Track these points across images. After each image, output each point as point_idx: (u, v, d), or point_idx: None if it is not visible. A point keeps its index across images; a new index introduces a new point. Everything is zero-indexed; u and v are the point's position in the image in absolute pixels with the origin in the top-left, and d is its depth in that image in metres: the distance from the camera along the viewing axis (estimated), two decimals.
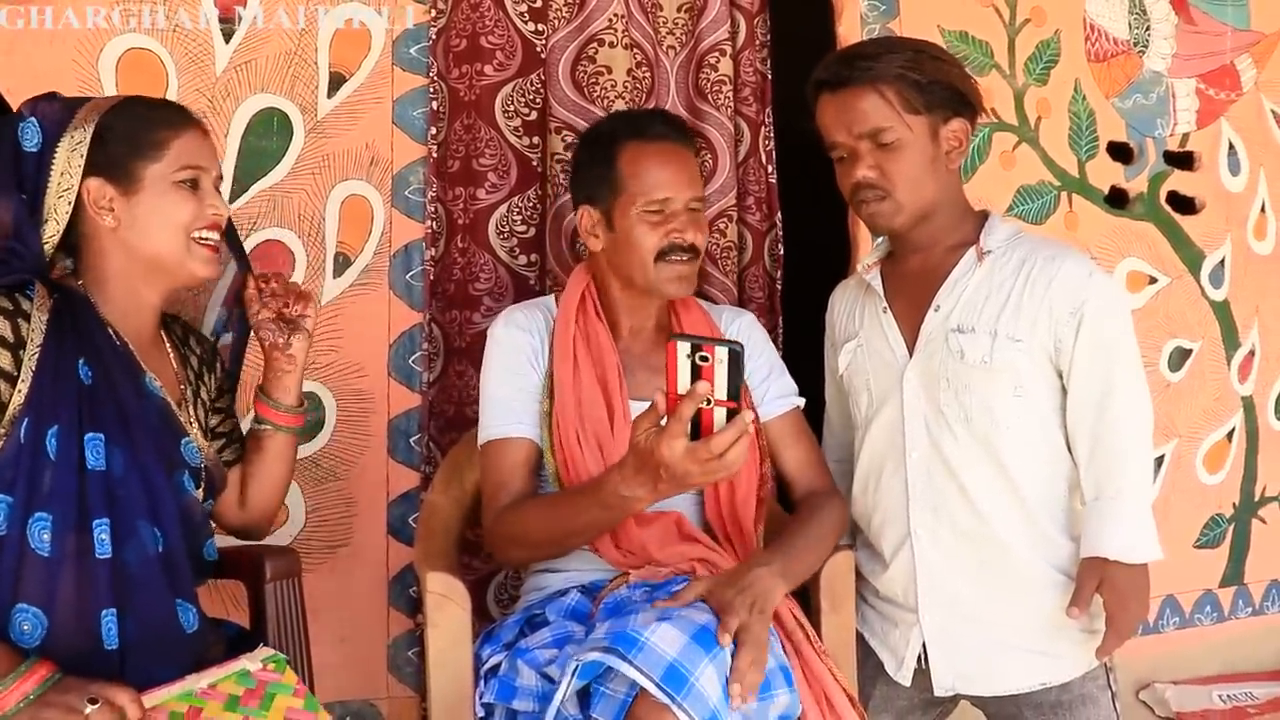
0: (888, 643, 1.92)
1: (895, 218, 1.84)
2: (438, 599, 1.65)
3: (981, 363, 1.79)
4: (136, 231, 1.54)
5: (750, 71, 2.44)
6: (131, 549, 1.46)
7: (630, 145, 1.86)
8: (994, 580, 1.83)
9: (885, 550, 1.90)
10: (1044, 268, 1.81)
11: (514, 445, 1.81)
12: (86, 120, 1.52)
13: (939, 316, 1.85)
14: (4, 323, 1.42)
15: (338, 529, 2.24)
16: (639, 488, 1.47)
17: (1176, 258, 2.89)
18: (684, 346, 1.35)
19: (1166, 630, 2.91)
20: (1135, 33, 2.84)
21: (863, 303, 1.99)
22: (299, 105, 2.19)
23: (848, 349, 1.97)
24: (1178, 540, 2.90)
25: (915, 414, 1.85)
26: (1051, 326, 1.79)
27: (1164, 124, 2.87)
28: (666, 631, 1.45)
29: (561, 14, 2.32)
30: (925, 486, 1.85)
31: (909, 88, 1.79)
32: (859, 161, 1.82)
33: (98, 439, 1.45)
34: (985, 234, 1.87)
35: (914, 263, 1.92)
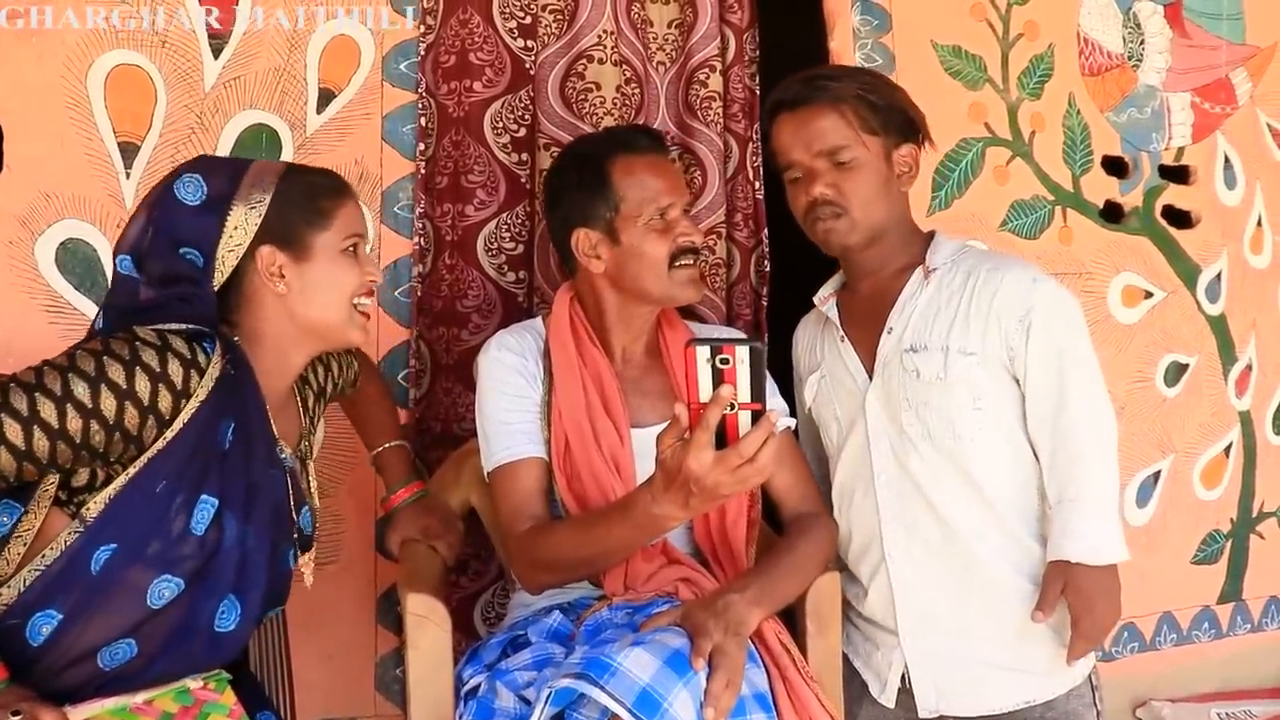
0: (871, 664, 1.92)
1: (850, 235, 1.86)
2: (418, 620, 1.64)
3: (937, 379, 1.80)
4: (304, 299, 1.54)
5: (740, 88, 2.44)
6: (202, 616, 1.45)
7: (620, 160, 1.86)
8: (971, 597, 1.83)
9: (863, 573, 1.91)
10: (988, 279, 1.82)
11: (524, 468, 1.80)
12: (264, 182, 1.53)
13: (892, 338, 1.86)
14: (178, 368, 1.40)
15: (325, 545, 2.22)
16: (669, 505, 1.42)
17: (1172, 272, 2.87)
18: (703, 351, 1.29)
19: (1164, 647, 2.89)
20: (1129, 46, 2.82)
21: (822, 334, 2.01)
22: (288, 121, 2.18)
23: (811, 381, 1.99)
24: (1175, 556, 2.89)
25: (880, 436, 1.87)
26: (1002, 336, 1.80)
27: (1159, 138, 2.86)
28: (639, 656, 1.43)
29: (551, 30, 2.31)
30: (896, 507, 1.86)
31: (867, 108, 1.83)
32: (816, 179, 1.84)
33: (209, 504, 1.43)
34: (931, 252, 1.89)
35: (865, 288, 1.94)
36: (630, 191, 1.85)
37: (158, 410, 1.38)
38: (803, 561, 1.78)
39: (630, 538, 1.61)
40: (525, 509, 1.77)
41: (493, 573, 2.28)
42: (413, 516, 1.93)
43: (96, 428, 1.34)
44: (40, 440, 1.32)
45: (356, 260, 1.58)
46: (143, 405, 1.37)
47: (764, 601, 1.64)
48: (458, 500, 2.02)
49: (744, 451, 1.31)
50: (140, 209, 1.53)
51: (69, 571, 1.38)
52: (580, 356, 1.87)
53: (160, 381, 1.38)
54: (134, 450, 1.39)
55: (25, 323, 2.01)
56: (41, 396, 1.32)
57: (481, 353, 1.91)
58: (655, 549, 1.77)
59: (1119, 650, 2.84)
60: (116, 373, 1.36)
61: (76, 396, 1.33)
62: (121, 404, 1.35)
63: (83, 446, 1.35)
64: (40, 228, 2.03)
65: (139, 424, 1.37)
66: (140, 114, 2.09)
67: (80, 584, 1.38)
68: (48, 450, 1.33)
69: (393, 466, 1.98)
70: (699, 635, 1.51)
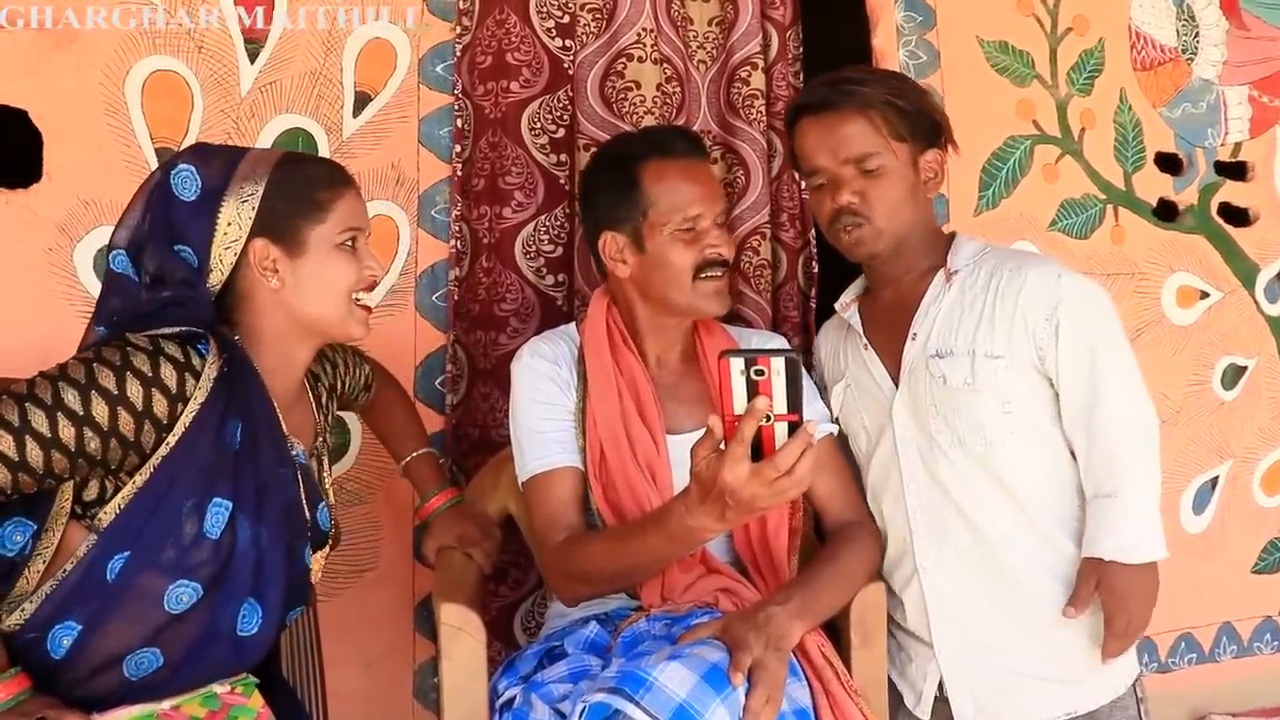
0: (906, 676, 1.88)
1: (875, 244, 1.81)
2: (452, 631, 1.61)
3: (964, 384, 1.76)
4: (299, 294, 1.50)
5: (783, 85, 2.39)
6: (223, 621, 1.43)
7: (653, 164, 1.81)
8: (1007, 606, 1.79)
9: (896, 584, 1.87)
10: (1011, 278, 1.77)
11: (559, 477, 1.77)
12: (256, 174, 1.48)
13: (917, 344, 1.82)
14: (171, 373, 1.38)
15: (364, 552, 2.22)
16: (705, 517, 1.38)
17: (1229, 271, 2.80)
18: (737, 363, 1.26)
19: (1223, 659, 2.81)
20: (1183, 39, 2.75)
21: (845, 342, 1.96)
22: (324, 125, 2.17)
23: (837, 390, 1.95)
24: (1234, 565, 2.82)
25: (908, 444, 1.83)
26: (1029, 336, 1.75)
27: (1215, 133, 2.78)
28: (676, 671, 1.40)
29: (590, 29, 2.28)
30: (926, 516, 1.82)
31: (895, 114, 1.79)
32: (842, 187, 1.80)
33: (222, 507, 1.41)
34: (951, 254, 1.85)
35: (888, 294, 1.90)
36: (660, 197, 1.79)
37: (153, 415, 1.36)
38: (848, 572, 1.74)
39: (666, 550, 1.57)
40: (560, 520, 1.74)
41: (532, 581, 2.25)
42: (448, 523, 1.91)
43: (90, 435, 1.32)
44: (33, 450, 1.30)
45: (354, 254, 1.54)
46: (136, 411, 1.35)
47: (807, 614, 1.60)
48: (495, 507, 1.99)
49: (780, 464, 1.28)
50: (136, 201, 1.50)
51: (85, 582, 1.36)
52: (615, 363, 1.82)
53: (153, 386, 1.36)
54: (136, 458, 1.37)
55: (64, 329, 2.00)
56: (32, 406, 1.31)
57: (515, 360, 1.87)
58: (694, 559, 1.73)
59: (1176, 662, 2.76)
60: (107, 379, 1.34)
61: (67, 405, 1.31)
62: (114, 410, 1.33)
63: (79, 455, 1.33)
64: (79, 234, 2.03)
65: (135, 430, 1.35)
66: (177, 119, 2.09)
67: (97, 593, 1.36)
68: (42, 460, 1.31)
69: (424, 474, 1.95)
70: (739, 649, 1.47)
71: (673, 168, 1.81)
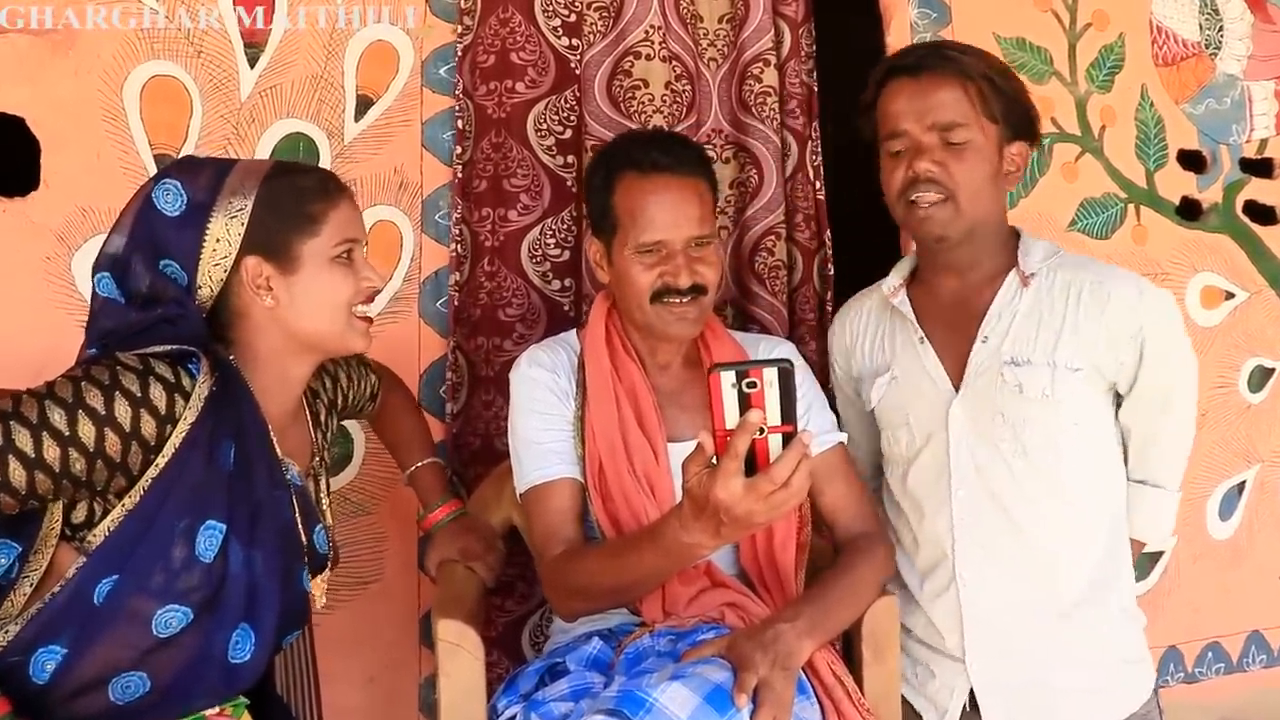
0: (926, 692, 1.82)
1: (951, 225, 1.71)
2: (449, 648, 1.57)
3: (1043, 396, 1.70)
4: (295, 311, 1.46)
5: (796, 83, 2.34)
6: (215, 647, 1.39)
7: (625, 178, 1.73)
8: (1045, 618, 1.75)
9: (925, 594, 1.81)
10: (1094, 292, 1.72)
11: (557, 489, 1.72)
12: (245, 188, 1.43)
13: (988, 348, 1.75)
14: (161, 394, 1.33)
15: (368, 564, 2.19)
16: (700, 534, 1.33)
17: (1255, 271, 2.74)
18: (728, 376, 1.21)
19: (1252, 669, 2.76)
20: (1207, 34, 2.69)
21: (891, 330, 1.87)
22: (325, 130, 2.14)
23: (880, 382, 1.86)
24: (1263, 572, 2.77)
25: (962, 450, 1.76)
26: (1112, 351, 1.72)
27: (1240, 130, 2.72)
28: (677, 692, 1.35)
29: (597, 28, 2.23)
30: (973, 525, 1.75)
31: (992, 92, 1.70)
32: (923, 154, 1.69)
33: (215, 529, 1.37)
34: (1022, 255, 1.77)
35: (948, 288, 1.81)
36: (625, 215, 1.72)
37: (141, 436, 1.32)
38: (859, 586, 1.68)
39: (661, 565, 1.52)
40: (558, 532, 1.69)
41: (539, 595, 2.21)
42: (450, 536, 1.87)
43: (76, 455, 1.28)
44: (16, 470, 1.26)
45: (351, 266, 1.49)
46: (124, 431, 1.31)
47: (817, 632, 1.54)
48: (499, 519, 1.95)
49: (776, 477, 1.23)
50: (119, 221, 1.45)
51: (72, 605, 1.32)
52: (615, 369, 1.77)
53: (141, 406, 1.32)
54: (124, 479, 1.33)
55: (62, 338, 1.97)
56: (17, 425, 1.27)
57: (513, 369, 1.82)
58: (696, 571, 1.68)
59: (1203, 671, 2.71)
60: (95, 399, 1.30)
61: (53, 424, 1.27)
62: (101, 431, 1.29)
63: (63, 475, 1.28)
64: (77, 242, 2.00)
65: (121, 451, 1.31)
66: (176, 125, 2.06)
67: (83, 617, 1.32)
68: (25, 481, 1.27)
69: (428, 485, 1.91)
70: (744, 668, 1.42)
71: (644, 186, 1.71)
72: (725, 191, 2.33)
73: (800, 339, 2.35)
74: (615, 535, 1.69)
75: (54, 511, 1.35)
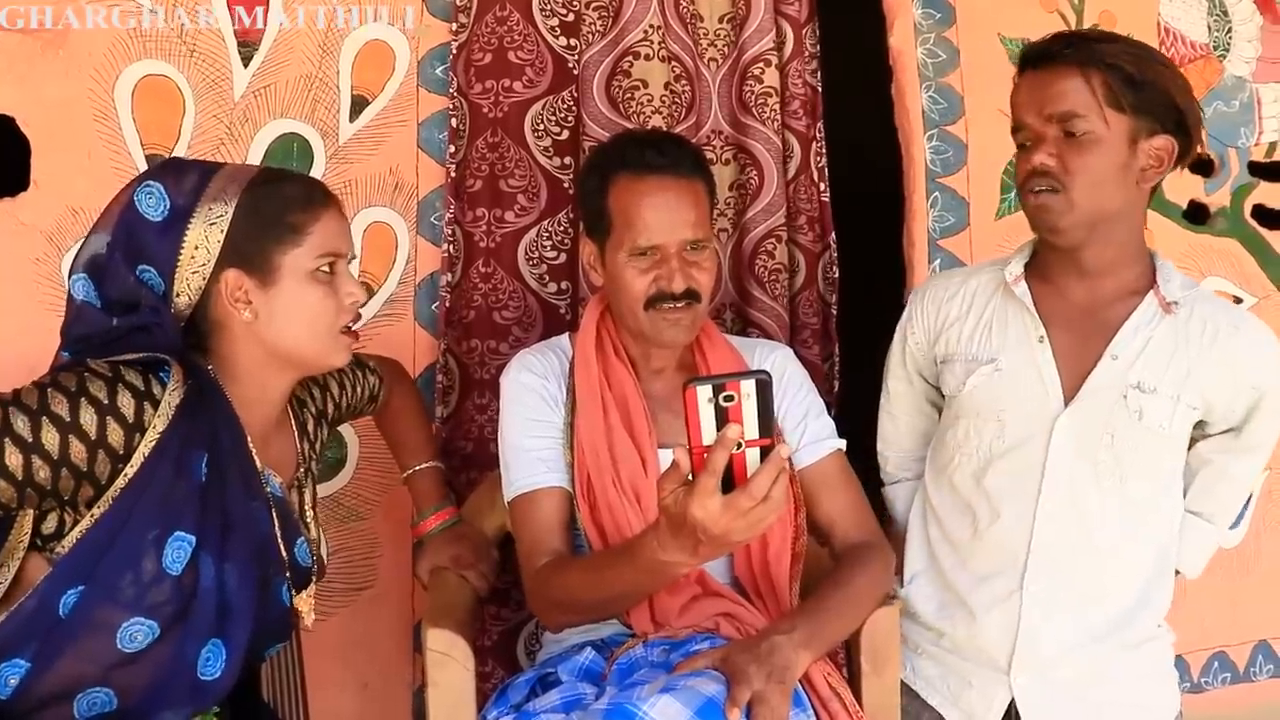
0: (960, 703, 1.77)
1: (1063, 216, 1.63)
2: (438, 657, 1.54)
3: (1160, 427, 1.67)
4: (273, 327, 1.42)
5: (799, 83, 2.31)
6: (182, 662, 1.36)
7: (620, 180, 1.69)
8: (1101, 642, 1.72)
9: (979, 601, 1.74)
10: (1230, 337, 1.69)
11: (544, 498, 1.69)
12: (226, 193, 1.40)
13: (1116, 366, 1.67)
14: (129, 401, 1.31)
15: (361, 570, 2.16)
16: (677, 553, 1.30)
17: (1264, 276, 2.71)
18: (704, 391, 1.18)
19: (1260, 679, 2.73)
20: (1215, 35, 2.65)
21: (1004, 318, 1.77)
22: (320, 130, 2.11)
23: (982, 371, 1.76)
24: (1271, 581, 2.74)
25: (1060, 464, 1.69)
26: (1228, 397, 1.71)
27: (1248, 133, 2.69)
28: (668, 705, 1.32)
29: (595, 27, 2.20)
30: (1051, 542, 1.70)
31: (1119, 80, 1.60)
32: (1040, 146, 1.63)
33: (184, 541, 1.33)
34: (1163, 280, 1.69)
35: (1078, 292, 1.72)
36: (619, 217, 1.68)
37: (107, 445, 1.29)
38: (858, 598, 1.63)
39: (641, 583, 1.49)
40: (543, 543, 1.66)
41: None
42: (443, 544, 1.84)
43: (40, 464, 1.25)
44: None
45: (333, 282, 1.45)
46: (89, 440, 1.28)
47: (814, 644, 1.51)
48: (493, 526, 1.92)
49: (754, 493, 1.20)
50: (101, 221, 1.41)
51: (37, 615, 1.29)
52: (605, 375, 1.74)
53: (108, 414, 1.29)
54: (91, 489, 1.30)
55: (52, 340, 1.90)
56: None
57: (504, 374, 1.79)
58: (687, 580, 1.65)
59: (1209, 681, 2.68)
60: (60, 406, 1.27)
61: (16, 431, 1.25)
62: (65, 438, 1.26)
63: (26, 484, 1.25)
64: (67, 244, 1.98)
65: (87, 459, 1.28)
66: (168, 125, 2.04)
67: (48, 629, 1.29)
68: None
69: (424, 490, 1.88)
70: (738, 681, 1.38)
71: (638, 188, 1.67)
72: (725, 194, 2.30)
73: (803, 343, 2.32)
74: (601, 546, 1.66)
75: (23, 522, 1.32)
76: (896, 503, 1.97)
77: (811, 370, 2.30)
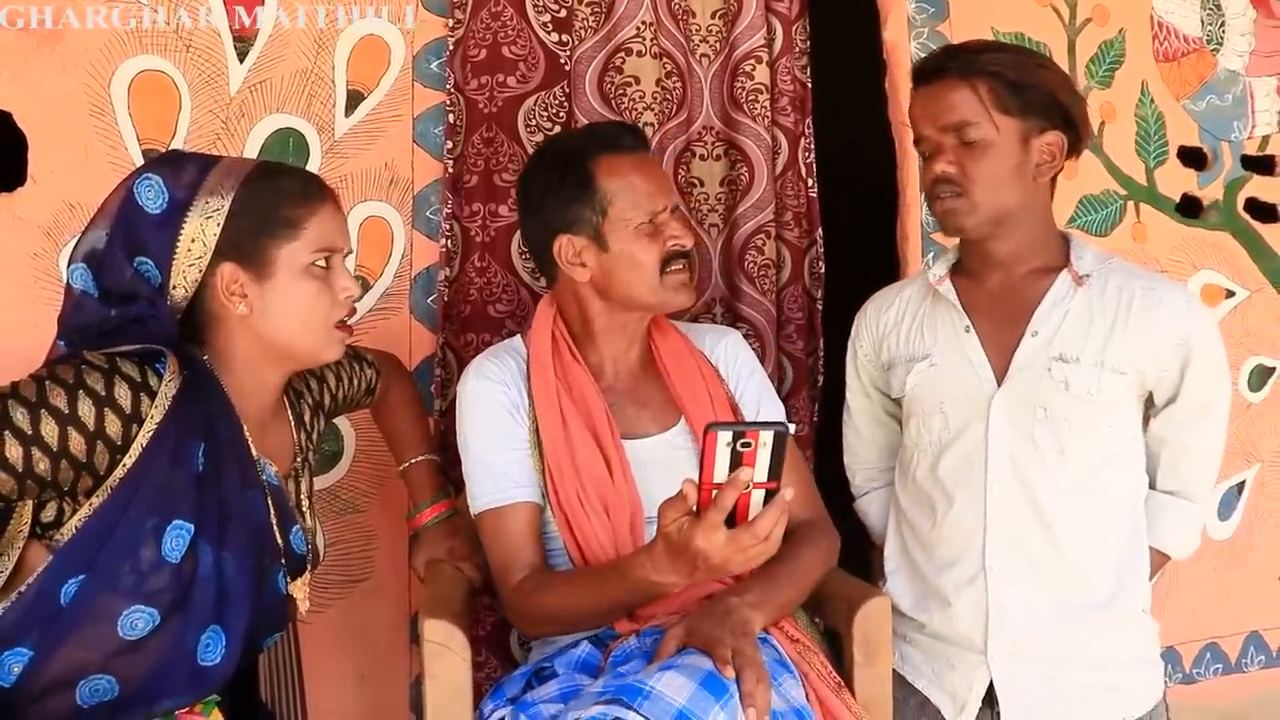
0: (944, 686, 1.81)
1: (968, 218, 1.73)
2: (436, 649, 1.55)
3: (1087, 394, 1.72)
4: (268, 321, 1.44)
5: (788, 80, 2.33)
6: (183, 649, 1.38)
7: (605, 160, 1.75)
8: (1071, 617, 1.76)
9: (949, 586, 1.80)
10: (1145, 298, 1.75)
11: (513, 513, 1.71)
12: (223, 187, 1.41)
13: (1037, 342, 1.75)
14: (126, 392, 1.33)
15: (358, 562, 2.17)
16: (672, 574, 1.42)
17: (1256, 269, 2.73)
18: (724, 435, 1.28)
19: (1251, 670, 2.75)
20: (1208, 29, 2.66)
21: (932, 317, 1.86)
22: (315, 125, 2.12)
23: (918, 369, 1.84)
24: (1262, 572, 2.76)
25: (1000, 444, 1.76)
26: (1156, 357, 1.75)
27: (1241, 126, 2.70)
28: (673, 679, 1.36)
29: (588, 24, 2.22)
30: (1004, 520, 1.76)
31: (1004, 86, 1.70)
32: (939, 156, 1.73)
33: (183, 529, 1.35)
34: (1075, 257, 1.78)
35: (995, 281, 1.81)
36: (618, 194, 1.73)
37: (106, 436, 1.31)
38: (804, 570, 1.70)
39: (627, 600, 1.57)
40: (516, 558, 1.69)
41: None
42: (439, 537, 1.85)
43: (39, 455, 1.27)
44: None
45: (328, 276, 1.46)
46: (88, 431, 1.30)
47: (765, 606, 1.58)
48: None
49: (758, 532, 1.33)
50: (101, 213, 1.43)
51: (38, 604, 1.31)
52: (563, 378, 1.76)
53: (106, 406, 1.31)
54: (90, 480, 1.32)
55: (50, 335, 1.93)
56: None
57: (460, 382, 1.81)
58: None
59: (1201, 672, 2.69)
60: (59, 398, 1.28)
61: (15, 423, 1.26)
62: (64, 430, 1.28)
63: (26, 475, 1.27)
64: (64, 238, 1.98)
65: (86, 450, 1.30)
66: (164, 120, 2.04)
67: (50, 617, 1.31)
68: None
69: (420, 483, 1.90)
70: (712, 645, 1.45)
71: (625, 162, 1.75)
72: (716, 189, 2.32)
73: (788, 337, 2.34)
74: (578, 553, 1.70)
75: (22, 512, 1.34)
76: (869, 514, 2.03)
77: (795, 365, 2.33)
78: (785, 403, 2.18)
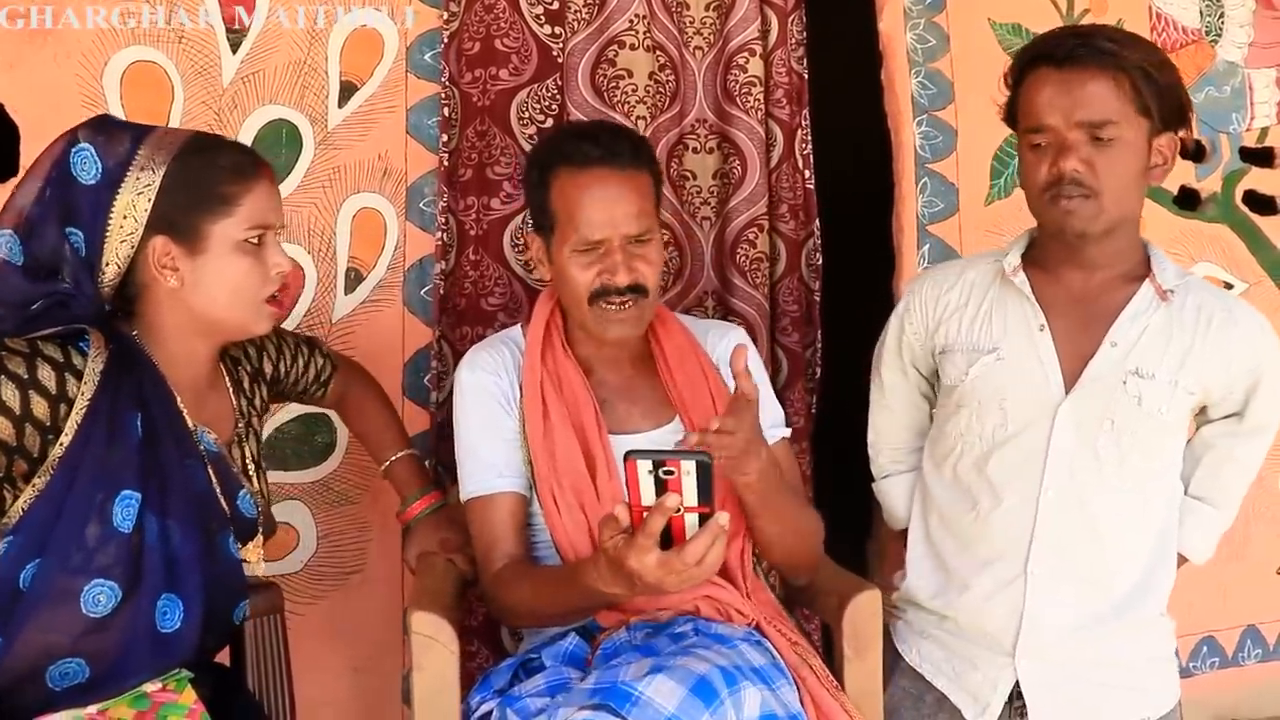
0: (965, 685, 1.78)
1: (1094, 222, 1.63)
2: (424, 641, 1.55)
3: (1158, 411, 1.69)
4: (200, 294, 1.45)
5: (783, 72, 2.31)
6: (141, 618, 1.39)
7: (562, 174, 1.68)
8: (1104, 625, 1.74)
9: (983, 585, 1.76)
10: (1224, 322, 1.71)
11: (498, 502, 1.71)
12: (154, 161, 1.41)
13: (1116, 353, 1.69)
14: (50, 373, 1.34)
15: (351, 554, 2.18)
16: (616, 587, 1.41)
17: (1255, 261, 2.71)
18: (644, 464, 1.28)
19: (1248, 663, 2.74)
20: (1207, 20, 2.65)
21: (1002, 308, 1.78)
22: (308, 116, 2.12)
23: (984, 361, 1.76)
24: (1259, 566, 2.75)
25: (1061, 451, 1.70)
26: (1226, 379, 1.73)
27: (1240, 118, 2.68)
28: (663, 684, 1.36)
29: (580, 16, 2.21)
30: (1054, 527, 1.71)
31: (1147, 85, 1.61)
32: (1069, 153, 1.61)
33: (130, 499, 1.37)
34: (1158, 269, 1.71)
35: (1075, 281, 1.73)
36: (563, 212, 1.67)
37: (34, 418, 1.33)
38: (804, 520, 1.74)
39: (582, 605, 1.57)
40: (497, 546, 1.69)
41: None
42: (430, 529, 1.85)
43: None
44: None
45: (260, 252, 1.47)
46: (14, 415, 1.32)
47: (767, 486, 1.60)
48: None
49: (689, 558, 1.32)
50: (33, 172, 1.42)
51: None
52: (553, 372, 1.74)
53: (30, 388, 1.33)
54: (25, 463, 1.34)
55: None
56: None
57: (457, 370, 1.80)
58: None
59: (1198, 666, 2.69)
60: None
61: None
62: None
63: None
64: None
65: (15, 434, 1.32)
66: (157, 112, 2.04)
67: (11, 604, 1.32)
68: None
69: (405, 478, 1.90)
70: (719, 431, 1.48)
71: (580, 180, 1.66)
72: (708, 182, 2.32)
73: (783, 330, 2.33)
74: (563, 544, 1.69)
75: None
76: (891, 497, 1.96)
77: (790, 358, 2.32)
78: (781, 396, 2.17)
